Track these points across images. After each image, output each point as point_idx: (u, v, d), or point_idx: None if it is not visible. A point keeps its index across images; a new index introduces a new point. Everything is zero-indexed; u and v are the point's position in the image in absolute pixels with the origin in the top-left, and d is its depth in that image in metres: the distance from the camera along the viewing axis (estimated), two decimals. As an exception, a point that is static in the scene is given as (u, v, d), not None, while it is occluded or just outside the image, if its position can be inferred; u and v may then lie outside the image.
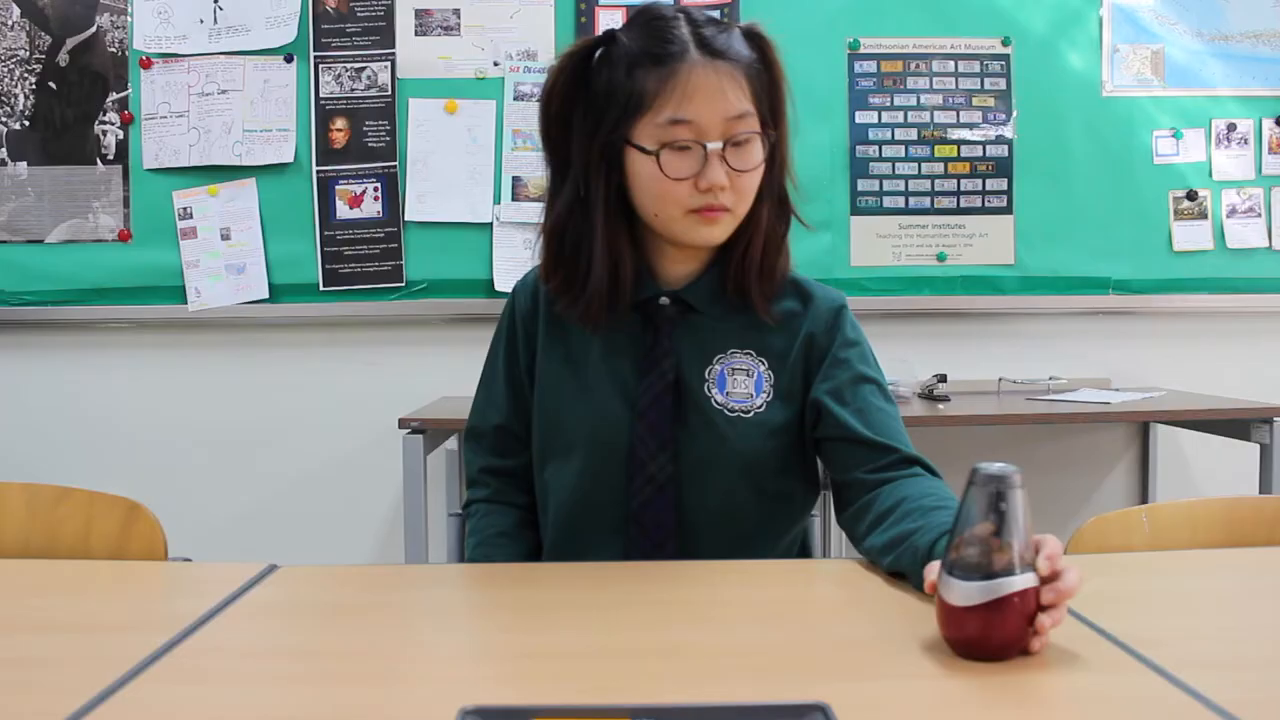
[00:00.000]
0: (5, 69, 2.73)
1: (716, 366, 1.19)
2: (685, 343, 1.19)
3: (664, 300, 1.19)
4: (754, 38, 1.14)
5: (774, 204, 1.18)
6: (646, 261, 1.20)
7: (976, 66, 2.84)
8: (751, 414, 1.17)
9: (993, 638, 0.78)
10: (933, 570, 0.83)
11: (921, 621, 0.86)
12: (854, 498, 1.14)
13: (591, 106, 1.13)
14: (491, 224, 2.77)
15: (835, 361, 1.20)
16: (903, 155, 2.83)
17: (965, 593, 0.77)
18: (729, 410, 1.17)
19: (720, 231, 1.14)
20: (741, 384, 1.18)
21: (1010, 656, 0.78)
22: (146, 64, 2.73)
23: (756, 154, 1.11)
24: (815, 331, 1.21)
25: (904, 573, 0.98)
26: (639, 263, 1.19)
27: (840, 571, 1.06)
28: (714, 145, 1.08)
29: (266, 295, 2.74)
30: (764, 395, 1.19)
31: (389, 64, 2.75)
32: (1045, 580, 0.78)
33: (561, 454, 1.21)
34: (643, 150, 1.10)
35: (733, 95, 1.08)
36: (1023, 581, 0.77)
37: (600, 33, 1.15)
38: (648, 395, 1.17)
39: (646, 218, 1.15)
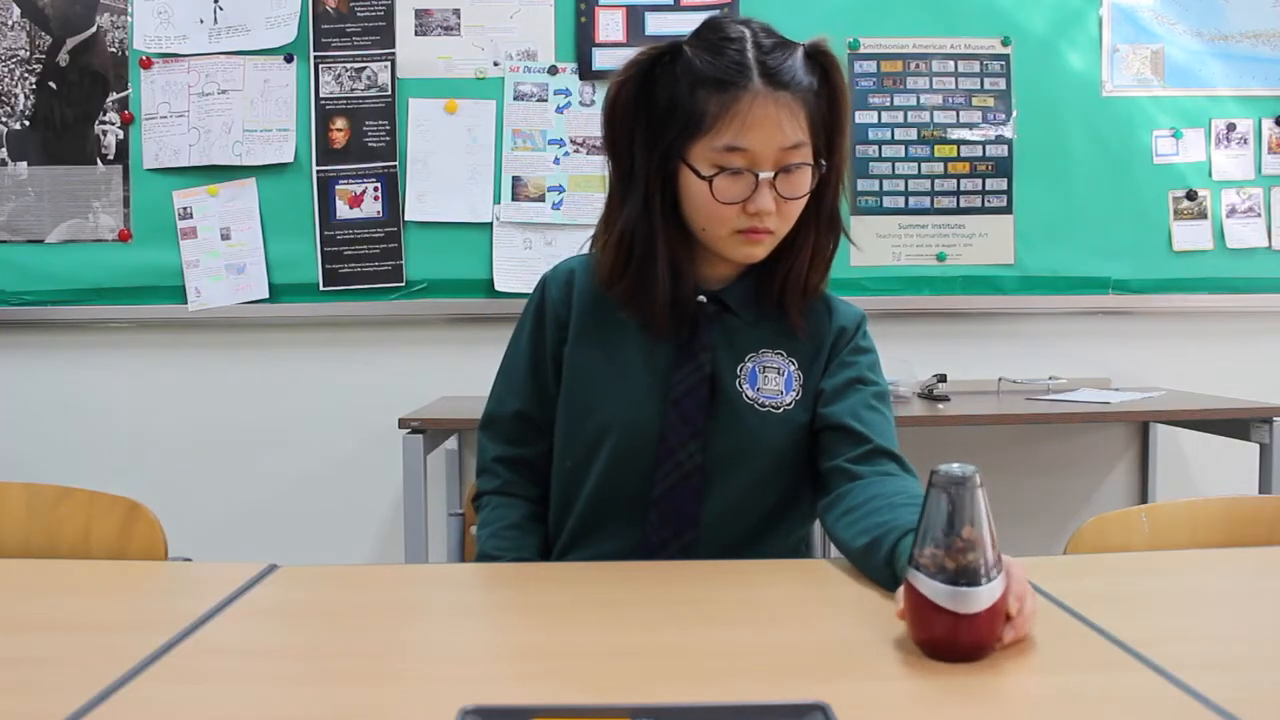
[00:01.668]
0: (5, 69, 2.73)
1: (749, 364, 1.22)
2: (720, 339, 1.22)
3: (702, 299, 1.22)
4: (817, 57, 1.15)
5: (824, 224, 1.21)
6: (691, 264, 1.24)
7: (976, 66, 2.84)
8: (781, 410, 1.21)
9: (963, 640, 0.78)
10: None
11: (921, 621, 0.86)
12: (833, 485, 1.18)
13: (653, 118, 1.16)
14: (491, 224, 2.77)
15: (843, 363, 1.24)
16: (903, 155, 2.83)
17: (937, 595, 0.77)
18: (759, 405, 1.21)
19: (761, 251, 1.17)
20: (772, 381, 1.22)
21: (981, 657, 0.78)
22: (146, 64, 2.73)
23: (805, 183, 1.15)
24: (838, 337, 1.25)
25: (867, 563, 1.02)
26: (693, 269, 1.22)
27: (840, 571, 1.06)
28: (765, 174, 1.11)
29: (266, 295, 2.74)
30: (793, 394, 1.22)
31: (389, 64, 2.75)
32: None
33: (590, 440, 1.22)
34: (697, 173, 1.13)
35: (789, 127, 1.11)
36: (993, 585, 0.77)
37: (666, 44, 1.17)
38: (683, 385, 1.20)
39: (695, 230, 1.19)
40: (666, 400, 1.20)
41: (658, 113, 1.15)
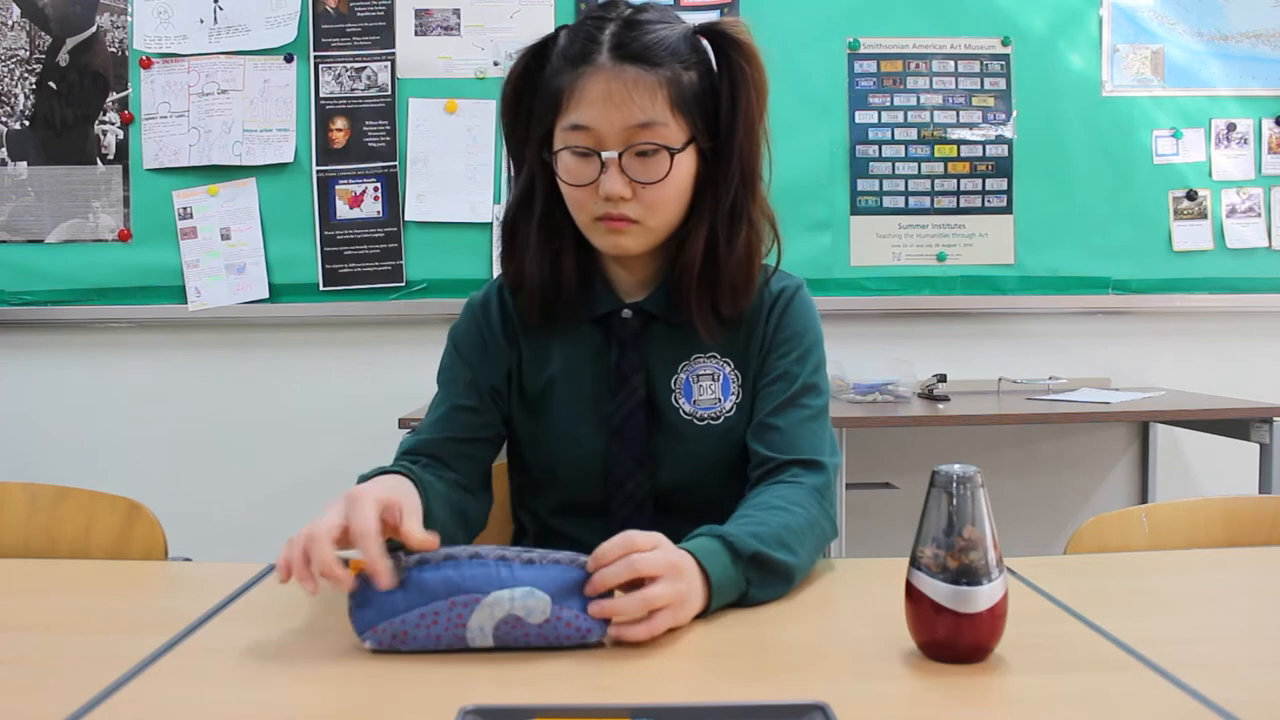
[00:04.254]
0: (5, 69, 2.73)
1: (682, 375, 1.15)
2: (650, 353, 1.15)
3: (626, 314, 1.15)
4: (711, 38, 1.08)
5: (721, 220, 1.10)
6: (603, 274, 1.17)
7: (976, 66, 2.84)
8: (721, 420, 1.14)
9: (964, 641, 0.78)
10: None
11: (921, 621, 0.86)
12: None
13: (533, 105, 1.10)
14: (491, 224, 2.77)
15: (771, 366, 1.15)
16: (903, 155, 2.83)
17: (938, 595, 0.77)
18: (697, 420, 1.14)
19: (629, 242, 1.09)
20: (708, 389, 1.15)
21: (981, 658, 0.78)
22: (146, 64, 2.73)
23: (661, 167, 1.05)
24: (767, 319, 1.16)
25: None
26: (590, 271, 1.16)
27: (840, 571, 1.06)
28: (608, 154, 1.04)
29: (266, 295, 2.74)
30: (732, 398, 1.15)
31: (389, 64, 2.75)
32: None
33: (545, 477, 1.19)
34: (554, 154, 1.07)
35: (639, 103, 1.03)
36: (993, 585, 0.77)
37: (556, 29, 1.12)
38: (620, 413, 1.14)
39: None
40: (607, 430, 1.14)
41: (536, 98, 1.09)
